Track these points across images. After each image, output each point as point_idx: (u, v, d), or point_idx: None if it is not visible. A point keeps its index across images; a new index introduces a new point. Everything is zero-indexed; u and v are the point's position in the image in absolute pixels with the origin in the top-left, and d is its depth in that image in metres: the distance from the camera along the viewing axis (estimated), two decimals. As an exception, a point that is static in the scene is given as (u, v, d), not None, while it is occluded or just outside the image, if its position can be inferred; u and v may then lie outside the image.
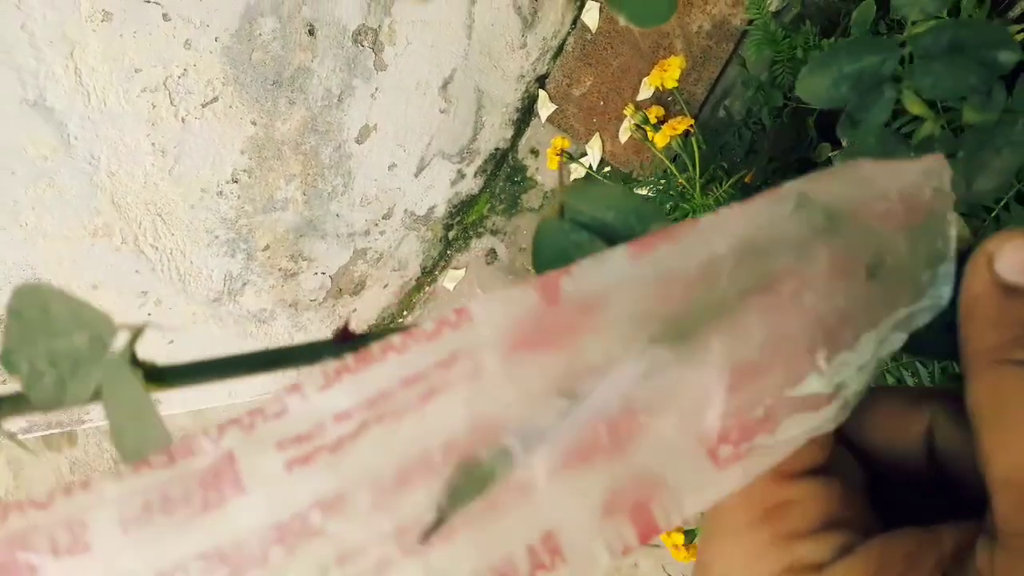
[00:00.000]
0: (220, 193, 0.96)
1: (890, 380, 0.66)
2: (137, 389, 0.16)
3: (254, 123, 0.95)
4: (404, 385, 0.15)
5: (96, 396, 0.18)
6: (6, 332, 0.17)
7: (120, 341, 0.17)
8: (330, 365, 0.15)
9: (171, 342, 1.03)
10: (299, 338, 1.19)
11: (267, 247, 1.05)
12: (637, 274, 0.16)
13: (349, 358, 0.15)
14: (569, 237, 0.24)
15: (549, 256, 0.23)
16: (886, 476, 0.22)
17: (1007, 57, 0.36)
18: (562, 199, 0.22)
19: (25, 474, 1.88)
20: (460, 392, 0.15)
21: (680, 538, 0.74)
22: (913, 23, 0.37)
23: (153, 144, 0.88)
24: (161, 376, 0.18)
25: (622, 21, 0.28)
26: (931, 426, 0.22)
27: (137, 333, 0.17)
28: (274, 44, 0.91)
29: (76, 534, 0.14)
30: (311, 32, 0.93)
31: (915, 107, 0.35)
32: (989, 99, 0.35)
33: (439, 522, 0.15)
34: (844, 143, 0.38)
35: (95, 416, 1.07)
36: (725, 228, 0.17)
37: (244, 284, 1.06)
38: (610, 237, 0.22)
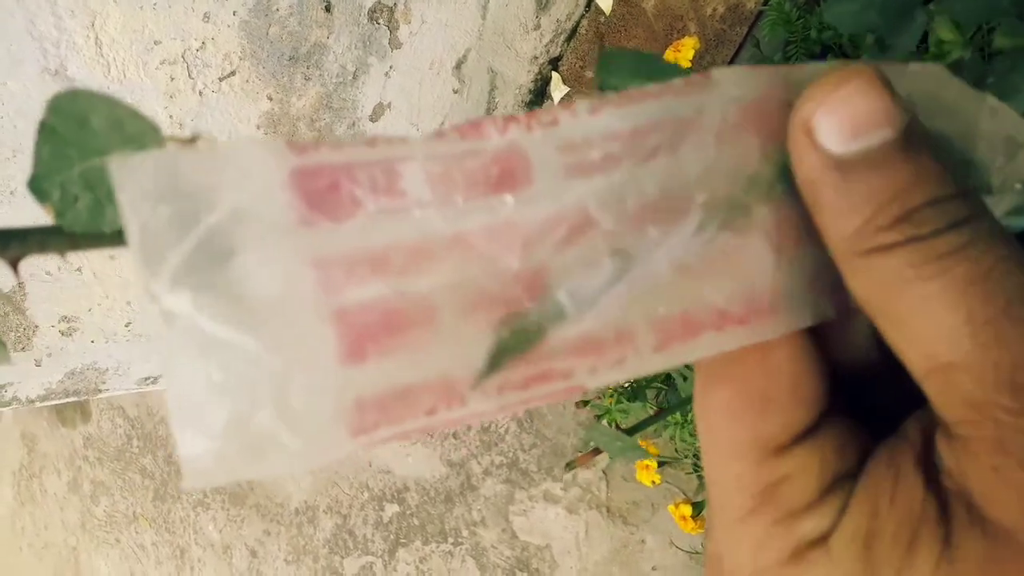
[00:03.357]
0: (236, 167, 0.97)
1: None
2: None
3: (270, 98, 0.96)
4: (655, 128, 0.16)
5: None
6: (36, 155, 0.16)
7: None
8: (591, 98, 0.16)
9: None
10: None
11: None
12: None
13: (611, 95, 0.16)
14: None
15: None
16: (849, 376, 0.21)
17: (1042, -21, 0.36)
18: (597, 70, 0.22)
19: (39, 449, 1.91)
20: (709, 138, 0.16)
21: (688, 509, 0.75)
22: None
23: (171, 116, 0.90)
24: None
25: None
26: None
27: (189, 143, 0.16)
28: (291, 20, 0.92)
29: (391, 180, 0.15)
30: (328, 9, 0.94)
31: (946, 33, 0.35)
32: (1021, 23, 0.35)
33: (492, 368, 0.15)
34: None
35: (112, 385, 1.09)
36: (684, 103, 0.17)
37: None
38: None
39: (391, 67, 1.04)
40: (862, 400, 0.20)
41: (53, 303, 0.93)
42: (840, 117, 0.16)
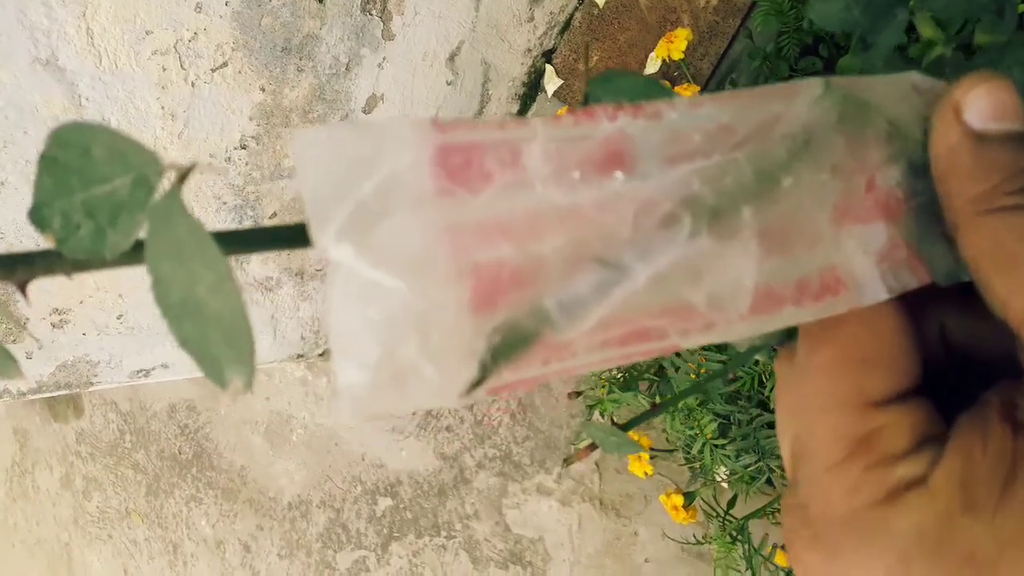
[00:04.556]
0: (228, 159, 0.97)
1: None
2: (193, 227, 0.16)
3: (263, 89, 0.95)
4: (750, 121, 0.18)
5: (136, 250, 0.17)
6: (37, 184, 0.17)
7: (165, 184, 0.17)
8: (686, 96, 0.18)
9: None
10: (304, 308, 1.20)
11: (274, 214, 1.06)
12: (684, 130, 0.18)
13: (703, 96, 0.18)
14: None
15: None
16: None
17: (1018, -24, 0.37)
18: (587, 90, 0.23)
19: (32, 444, 1.90)
20: (796, 130, 0.19)
21: (679, 499, 0.75)
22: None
23: (163, 107, 0.89)
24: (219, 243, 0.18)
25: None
26: (942, 324, 0.22)
27: (185, 174, 0.17)
28: (284, 10, 0.91)
29: (515, 157, 0.17)
30: (320, -1, 0.94)
31: (927, 30, 0.36)
32: (1000, 20, 0.35)
33: (482, 379, 0.17)
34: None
35: (104, 378, 1.09)
36: (759, 106, 0.19)
37: (251, 251, 1.07)
38: None
39: (384, 58, 1.03)
40: (932, 396, 0.22)
41: (44, 295, 0.92)
42: (985, 102, 0.19)
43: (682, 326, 0.18)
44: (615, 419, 0.45)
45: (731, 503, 0.84)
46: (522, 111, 1.24)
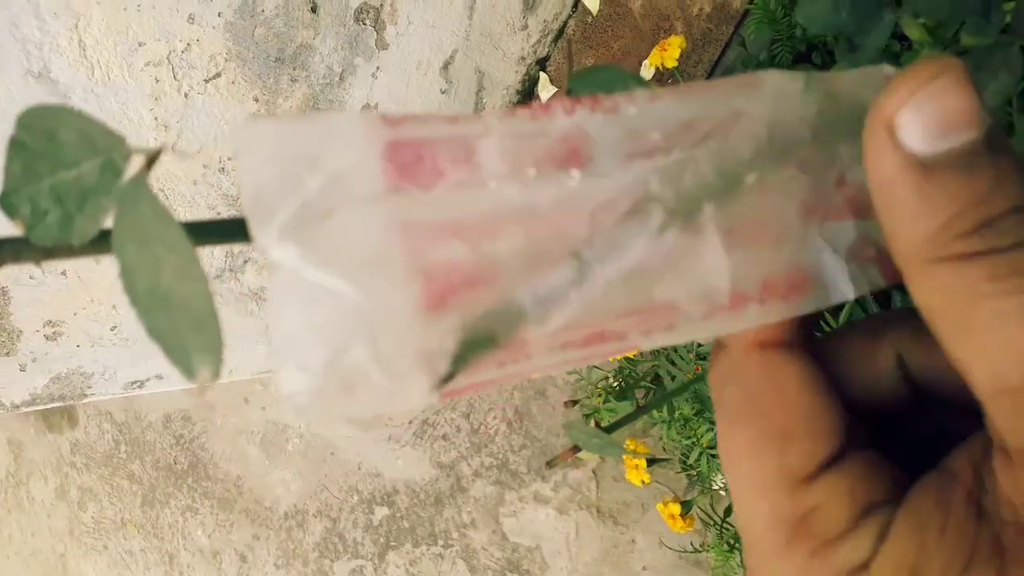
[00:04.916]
0: (222, 169, 0.97)
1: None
2: (159, 210, 0.16)
3: (256, 100, 0.95)
4: (709, 116, 0.18)
5: (103, 238, 0.17)
6: (7, 170, 0.17)
7: (133, 168, 0.17)
8: (648, 88, 0.18)
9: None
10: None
11: (268, 225, 1.06)
12: (653, 122, 0.18)
13: (662, 88, 0.18)
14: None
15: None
16: (872, 415, 0.20)
17: (1003, -23, 0.37)
18: (569, 85, 0.23)
19: (26, 455, 1.89)
20: (759, 127, 0.18)
21: (676, 508, 0.75)
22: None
23: (156, 118, 0.89)
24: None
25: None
26: (899, 353, 0.20)
27: (153, 158, 0.17)
28: (277, 21, 0.91)
29: (469, 154, 0.16)
30: (313, 9, 0.94)
31: (914, 31, 0.36)
32: (987, 22, 0.35)
33: (451, 375, 0.16)
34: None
35: (98, 390, 1.08)
36: (720, 101, 0.18)
37: (245, 261, 1.06)
38: None
39: (378, 68, 1.03)
40: (891, 434, 0.20)
41: (37, 307, 0.92)
42: (928, 114, 0.15)
43: (644, 327, 0.17)
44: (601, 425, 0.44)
45: (728, 511, 0.84)
46: (516, 119, 1.24)
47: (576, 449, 0.44)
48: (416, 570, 1.40)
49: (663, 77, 1.09)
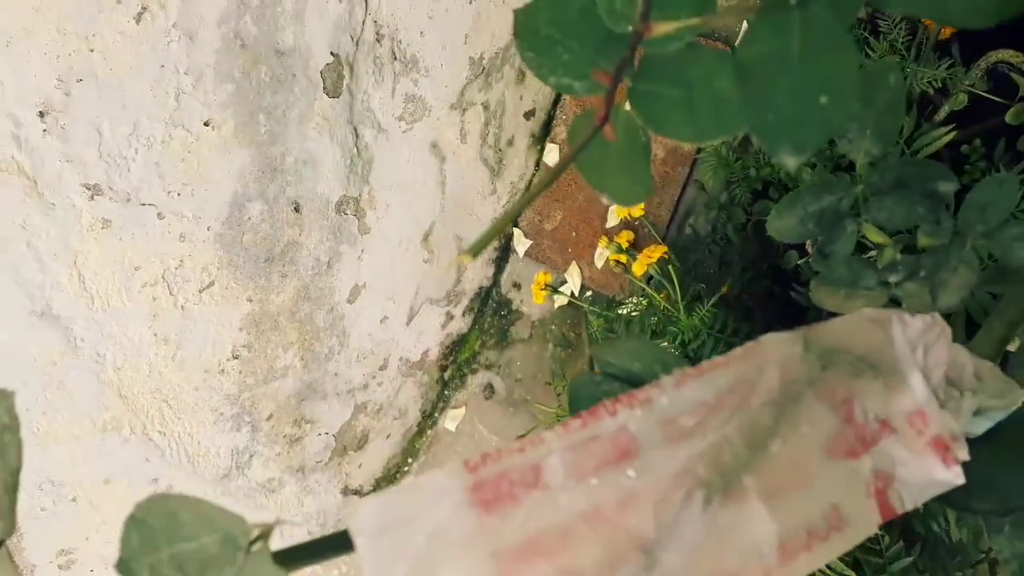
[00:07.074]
0: (222, 371, 0.99)
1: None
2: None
3: (250, 300, 0.98)
4: (731, 391, 0.21)
5: None
6: (123, 541, 0.19)
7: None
8: (675, 373, 0.21)
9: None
10: (308, 502, 1.19)
11: (271, 416, 1.07)
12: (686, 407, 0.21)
13: (688, 368, 0.21)
14: (600, 387, 0.27)
15: (583, 406, 0.27)
16: None
17: (946, 187, 0.42)
18: (591, 353, 0.26)
19: None
20: (773, 393, 0.21)
21: None
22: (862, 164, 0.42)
23: (155, 334, 0.91)
24: (281, 562, 0.21)
25: (605, 200, 0.33)
26: None
27: (269, 530, 0.20)
28: (263, 225, 0.96)
29: (537, 475, 0.19)
30: (296, 209, 0.99)
31: (875, 236, 0.40)
32: (938, 225, 0.40)
33: None
34: (817, 271, 0.42)
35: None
36: (734, 375, 0.21)
37: (251, 456, 1.07)
38: (637, 385, 0.26)
39: (363, 251, 1.08)
40: None
41: (51, 539, 0.91)
42: None
43: None
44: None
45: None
46: (497, 273, 1.29)
47: None
48: None
49: (631, 221, 1.15)
